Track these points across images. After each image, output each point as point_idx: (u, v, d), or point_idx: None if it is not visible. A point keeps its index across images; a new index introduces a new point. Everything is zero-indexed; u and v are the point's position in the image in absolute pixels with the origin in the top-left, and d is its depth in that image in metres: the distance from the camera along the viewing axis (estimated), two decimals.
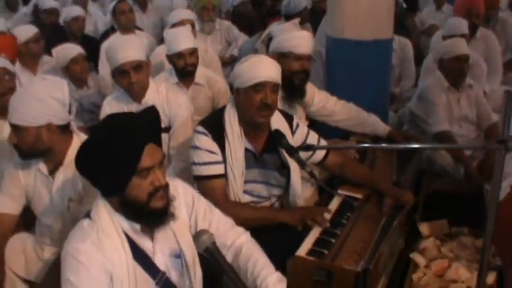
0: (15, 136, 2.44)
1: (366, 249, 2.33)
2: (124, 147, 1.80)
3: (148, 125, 1.90)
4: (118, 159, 1.80)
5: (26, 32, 4.67)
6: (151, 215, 1.90)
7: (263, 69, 2.62)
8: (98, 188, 1.92)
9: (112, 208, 1.91)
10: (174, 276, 2.03)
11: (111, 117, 2.01)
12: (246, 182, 2.75)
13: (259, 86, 2.61)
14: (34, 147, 2.45)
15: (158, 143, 1.93)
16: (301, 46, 3.24)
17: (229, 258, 2.11)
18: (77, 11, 5.58)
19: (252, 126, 2.71)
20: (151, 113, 1.97)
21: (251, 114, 2.65)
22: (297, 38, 3.27)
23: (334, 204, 2.73)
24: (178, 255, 2.04)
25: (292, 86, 3.24)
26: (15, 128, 2.43)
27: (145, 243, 1.96)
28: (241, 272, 2.04)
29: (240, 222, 2.41)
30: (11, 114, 2.41)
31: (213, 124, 2.72)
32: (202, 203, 2.18)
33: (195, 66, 3.86)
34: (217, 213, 2.21)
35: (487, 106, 4.14)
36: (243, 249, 2.14)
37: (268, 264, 2.09)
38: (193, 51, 3.84)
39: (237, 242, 2.17)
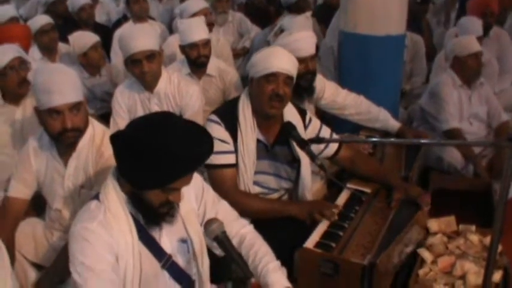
0: (70, 119, 2.38)
1: (373, 243, 2.36)
2: (173, 164, 1.75)
3: (203, 160, 1.86)
4: (159, 168, 1.74)
5: (35, 22, 4.68)
6: (155, 216, 1.91)
7: (277, 60, 2.63)
8: (119, 166, 1.87)
9: (121, 190, 1.91)
10: (181, 261, 2.05)
11: (185, 129, 1.82)
12: (256, 173, 2.76)
13: (271, 77, 2.62)
14: (85, 125, 2.48)
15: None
16: (302, 49, 3.18)
17: None
18: (82, 0, 5.55)
19: (264, 117, 2.72)
20: (211, 148, 1.87)
21: (262, 104, 2.66)
22: (298, 41, 3.19)
23: (342, 198, 2.75)
24: (185, 240, 2.05)
25: (300, 88, 3.19)
26: (71, 107, 2.37)
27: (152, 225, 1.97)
28: None
29: (249, 212, 2.42)
30: (60, 97, 2.33)
31: (227, 114, 2.73)
32: (211, 193, 2.21)
33: (207, 57, 3.86)
34: (224, 204, 2.24)
35: (498, 105, 4.12)
36: (247, 239, 2.18)
37: (269, 253, 2.13)
38: (207, 43, 3.84)
39: (241, 232, 2.21)
